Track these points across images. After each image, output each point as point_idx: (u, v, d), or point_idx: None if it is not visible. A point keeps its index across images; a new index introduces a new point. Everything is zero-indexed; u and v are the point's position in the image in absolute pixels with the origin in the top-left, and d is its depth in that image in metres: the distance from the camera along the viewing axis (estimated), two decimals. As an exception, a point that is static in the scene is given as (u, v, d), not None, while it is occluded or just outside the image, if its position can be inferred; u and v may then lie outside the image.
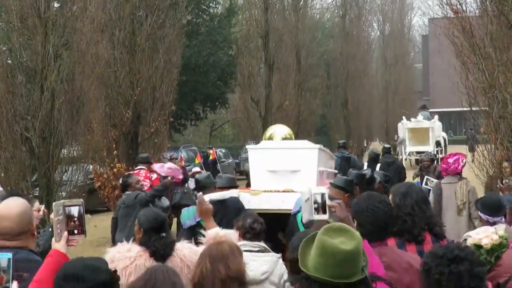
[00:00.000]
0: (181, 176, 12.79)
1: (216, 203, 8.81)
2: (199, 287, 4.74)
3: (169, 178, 11.71)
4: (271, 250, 6.71)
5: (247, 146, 13.64)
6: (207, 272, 4.72)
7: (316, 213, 4.68)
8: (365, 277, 3.83)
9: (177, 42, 22.29)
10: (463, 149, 38.31)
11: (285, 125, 14.90)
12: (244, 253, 5.15)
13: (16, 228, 4.85)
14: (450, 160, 11.81)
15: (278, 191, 10.38)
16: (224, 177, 10.67)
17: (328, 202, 4.70)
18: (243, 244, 6.10)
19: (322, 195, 4.70)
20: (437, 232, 5.68)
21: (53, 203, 4.68)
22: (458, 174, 11.79)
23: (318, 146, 11.38)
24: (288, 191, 10.28)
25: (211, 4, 41.63)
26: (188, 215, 9.07)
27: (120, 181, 13.65)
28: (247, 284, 4.86)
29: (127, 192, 11.82)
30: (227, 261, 4.73)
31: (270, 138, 12.36)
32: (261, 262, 6.32)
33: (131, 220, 10.29)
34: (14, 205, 4.98)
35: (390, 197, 5.78)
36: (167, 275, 4.28)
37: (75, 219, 4.61)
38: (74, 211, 4.61)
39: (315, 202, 4.68)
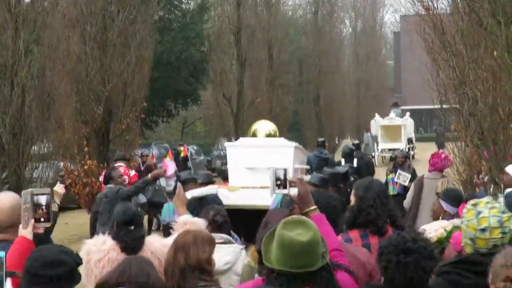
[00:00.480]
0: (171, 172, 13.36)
1: (195, 200, 9.26)
2: (165, 275, 4.83)
3: (149, 175, 11.87)
4: (235, 242, 6.84)
5: (225, 144, 13.93)
6: (169, 261, 4.84)
7: (277, 188, 4.82)
8: (326, 264, 4.07)
9: (149, 38, 22.25)
10: (432, 146, 38.68)
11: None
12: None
13: (7, 220, 5.02)
14: (442, 156, 12.42)
15: (255, 188, 10.55)
16: (200, 174, 11.41)
17: (289, 177, 4.82)
18: None
19: (285, 170, 4.83)
20: (399, 224, 5.93)
21: (22, 192, 4.84)
22: (442, 171, 12.29)
23: (294, 144, 11.69)
24: (265, 188, 10.43)
25: (183, 0, 41.50)
26: (169, 211, 9.17)
27: (103, 173, 13.79)
28: (212, 273, 4.93)
29: (109, 185, 11.94)
30: (188, 250, 4.81)
31: (254, 134, 12.51)
32: (223, 253, 6.40)
33: (113, 214, 10.40)
34: (5, 198, 5.15)
35: (353, 191, 6.03)
36: (140, 266, 4.39)
37: (43, 207, 4.78)
38: (42, 199, 4.78)
39: (277, 177, 4.81)
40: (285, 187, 4.81)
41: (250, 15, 34.30)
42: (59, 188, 7.58)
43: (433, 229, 6.32)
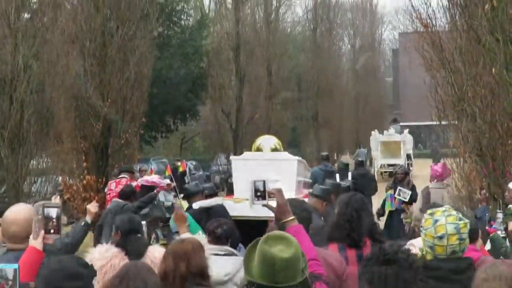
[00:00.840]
0: (163, 184, 13.89)
1: (202, 211, 9.60)
2: (165, 284, 4.98)
3: (155, 191, 12.19)
4: (237, 254, 6.98)
5: (231, 157, 14.11)
6: (169, 269, 5.03)
7: (257, 199, 5.05)
8: (305, 278, 4.19)
9: (148, 54, 22.25)
10: (429, 162, 38.74)
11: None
12: (212, 257, 5.53)
13: (24, 232, 5.22)
14: (443, 166, 13.22)
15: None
16: (207, 187, 11.65)
17: (268, 189, 5.06)
18: (210, 248, 6.28)
19: (264, 182, 5.08)
20: (376, 238, 6.17)
21: (34, 204, 5.10)
22: (443, 180, 13.04)
23: (297, 157, 11.86)
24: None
25: (182, 17, 41.56)
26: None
27: (118, 188, 13.89)
28: (210, 278, 5.17)
29: (116, 200, 12.11)
30: (189, 258, 5.05)
31: (259, 149, 12.58)
32: (224, 264, 6.56)
33: None
34: (22, 210, 5.42)
35: (336, 206, 6.41)
36: (137, 272, 4.50)
37: (53, 219, 5.02)
38: (53, 212, 5.02)
39: (257, 189, 5.05)
40: (264, 198, 5.03)
41: (249, 31, 34.43)
42: (93, 207, 7.77)
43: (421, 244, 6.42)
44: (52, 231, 5.01)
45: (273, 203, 5.01)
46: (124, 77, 20.69)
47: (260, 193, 5.02)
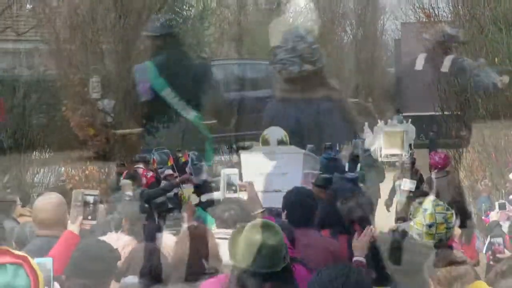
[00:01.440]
0: None
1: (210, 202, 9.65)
2: (181, 264, 5.20)
3: (177, 179, 12.41)
4: None
5: (240, 151, 14.26)
6: (189, 251, 5.24)
7: (227, 192, 5.38)
8: (287, 264, 4.33)
9: (150, 44, 22.19)
10: (427, 152, 38.83)
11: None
12: (218, 241, 5.62)
13: (52, 218, 5.48)
14: (442, 156, 12.86)
15: (268, 191, 10.79)
16: (214, 180, 12.06)
17: (239, 182, 5.42)
18: (217, 233, 6.34)
19: (236, 176, 5.45)
20: (364, 224, 6.26)
21: (74, 191, 5.41)
22: (443, 169, 12.64)
23: (303, 151, 12.02)
24: (277, 191, 10.73)
25: (184, 7, 41.48)
26: None
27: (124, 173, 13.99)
28: (222, 262, 5.35)
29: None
30: (206, 241, 5.30)
31: (266, 140, 12.67)
32: None
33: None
34: (51, 198, 5.65)
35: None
36: (141, 256, 4.91)
37: (91, 206, 5.31)
38: (90, 199, 5.33)
39: (228, 182, 5.38)
40: (235, 191, 5.38)
41: (251, 22, 34.35)
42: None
43: None
44: (89, 217, 5.30)
45: (244, 195, 5.32)
46: (125, 67, 20.67)
47: (231, 185, 5.32)
